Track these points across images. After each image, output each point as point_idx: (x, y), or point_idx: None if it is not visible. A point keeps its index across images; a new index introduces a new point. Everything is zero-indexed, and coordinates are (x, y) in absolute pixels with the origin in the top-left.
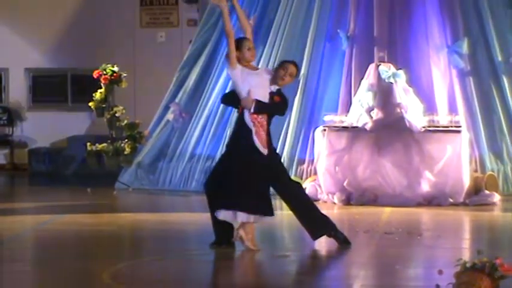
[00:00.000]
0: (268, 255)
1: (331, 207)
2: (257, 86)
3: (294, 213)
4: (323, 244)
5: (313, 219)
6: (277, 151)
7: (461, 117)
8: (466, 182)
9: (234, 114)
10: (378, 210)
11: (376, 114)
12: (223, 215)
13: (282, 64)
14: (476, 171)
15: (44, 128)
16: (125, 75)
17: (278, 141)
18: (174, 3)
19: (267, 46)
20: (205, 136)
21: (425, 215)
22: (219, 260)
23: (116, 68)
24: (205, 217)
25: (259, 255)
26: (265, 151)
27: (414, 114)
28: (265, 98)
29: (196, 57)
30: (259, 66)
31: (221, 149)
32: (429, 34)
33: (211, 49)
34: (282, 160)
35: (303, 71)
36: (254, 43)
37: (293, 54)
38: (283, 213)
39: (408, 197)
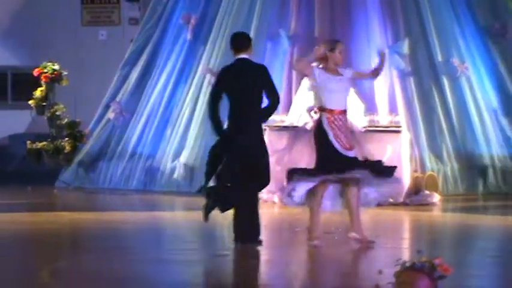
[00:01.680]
0: (208, 254)
1: (271, 207)
2: (335, 92)
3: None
4: (264, 243)
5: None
6: None
7: (402, 118)
8: (406, 182)
9: (175, 113)
10: None
11: (317, 113)
12: None
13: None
14: (416, 171)
15: None
16: (65, 73)
17: None
18: (115, 2)
19: (208, 44)
20: (146, 135)
21: (365, 214)
22: (158, 258)
23: (56, 66)
24: (144, 216)
25: (198, 255)
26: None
27: (355, 115)
28: (342, 103)
29: (137, 55)
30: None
31: (162, 148)
32: (370, 34)
33: (153, 48)
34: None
35: None
36: (195, 41)
37: None
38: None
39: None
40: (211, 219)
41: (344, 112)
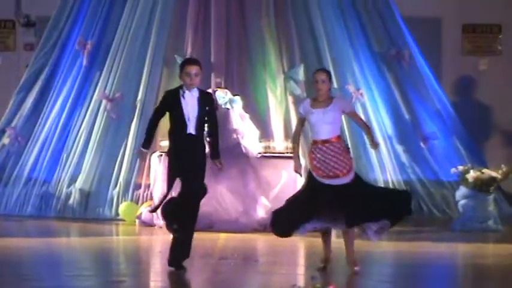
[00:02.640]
0: (104, 280)
1: (167, 233)
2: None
3: None
4: (158, 270)
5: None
6: (113, 176)
7: None
8: None
9: (71, 138)
10: (213, 236)
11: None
12: None
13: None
14: None
15: None
16: None
17: (114, 165)
18: (11, 27)
19: (104, 71)
20: (42, 160)
21: (261, 240)
22: (54, 285)
23: None
24: (40, 242)
25: (94, 281)
26: None
27: (250, 140)
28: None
29: (33, 81)
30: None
31: (57, 173)
32: (266, 60)
33: (49, 73)
34: (118, 185)
35: (140, 96)
36: (91, 67)
37: (131, 78)
38: (119, 238)
39: (244, 222)
40: (107, 247)
41: (327, 141)
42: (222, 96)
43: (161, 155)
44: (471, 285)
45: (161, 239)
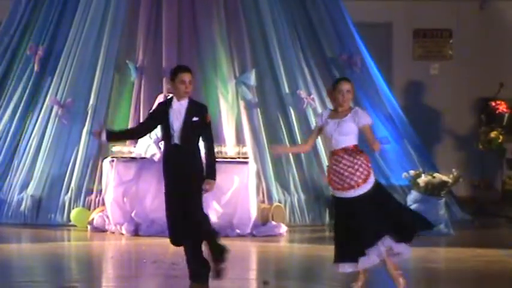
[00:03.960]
0: (54, 287)
1: (119, 238)
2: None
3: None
4: (110, 276)
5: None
6: (65, 181)
7: (249, 149)
8: (254, 213)
9: (23, 144)
10: (165, 241)
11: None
12: None
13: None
14: (263, 202)
15: None
16: None
17: (66, 171)
18: None
19: (55, 76)
20: None
21: None
22: None
23: None
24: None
25: (46, 287)
26: None
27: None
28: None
29: None
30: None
31: (9, 179)
32: (217, 65)
33: (0, 78)
34: (70, 191)
35: (91, 101)
36: (42, 73)
37: (82, 84)
38: (71, 244)
39: None
40: (58, 253)
41: (342, 150)
42: None
43: (113, 160)
44: None
45: (113, 245)
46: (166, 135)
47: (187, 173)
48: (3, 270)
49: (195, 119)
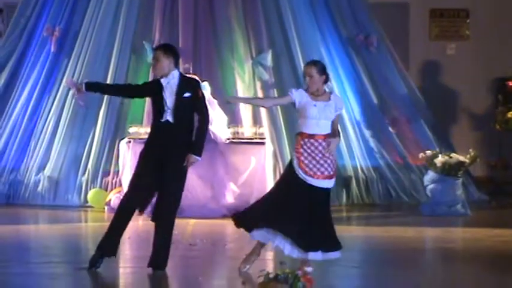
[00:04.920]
0: (73, 267)
1: (136, 219)
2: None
3: None
4: (127, 256)
5: None
6: (82, 163)
7: (266, 129)
8: None
9: (39, 126)
10: (182, 222)
11: None
12: None
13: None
14: None
15: None
16: None
17: (83, 152)
18: None
19: (72, 57)
20: (10, 148)
21: (229, 226)
22: (24, 272)
23: None
24: (9, 229)
25: (63, 268)
26: None
27: (219, 126)
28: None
29: (0, 68)
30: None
31: (26, 161)
32: (234, 46)
33: (16, 60)
34: (87, 172)
35: (108, 82)
36: (59, 54)
37: (99, 65)
38: (88, 225)
39: (213, 208)
40: (76, 234)
41: (317, 137)
42: None
43: (130, 142)
44: (439, 269)
45: (130, 226)
46: (158, 112)
47: (175, 153)
48: (21, 251)
49: (187, 94)
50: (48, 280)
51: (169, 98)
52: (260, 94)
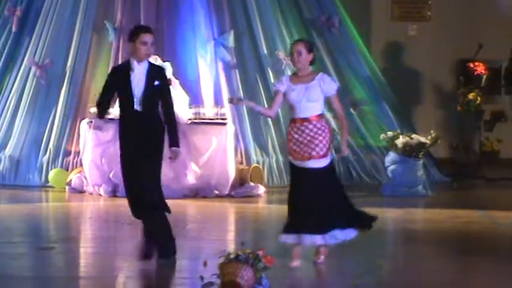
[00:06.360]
0: (32, 247)
1: (97, 199)
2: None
3: None
4: (88, 236)
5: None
6: (43, 142)
7: (227, 110)
8: (232, 174)
9: (1, 105)
10: None
11: None
12: None
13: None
14: (241, 163)
15: None
16: None
17: (44, 132)
18: None
19: (33, 37)
20: None
21: (191, 206)
22: None
23: None
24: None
25: (24, 248)
26: None
27: (180, 107)
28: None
29: None
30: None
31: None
32: (196, 26)
33: None
34: (48, 152)
35: (69, 62)
36: (20, 33)
37: (60, 45)
38: (49, 204)
39: (174, 188)
40: (37, 213)
41: (306, 120)
42: (153, 62)
43: (91, 122)
44: (401, 250)
45: (91, 206)
46: (126, 101)
47: (148, 141)
48: None
49: (156, 82)
50: (8, 260)
51: (137, 86)
52: (222, 75)
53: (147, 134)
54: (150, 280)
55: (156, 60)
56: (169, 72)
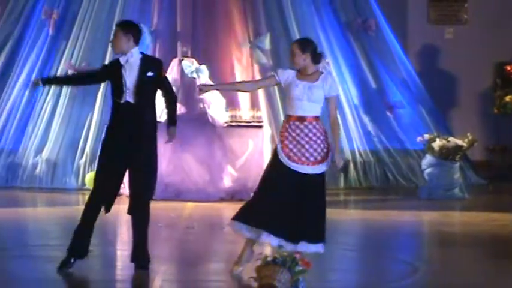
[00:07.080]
0: None
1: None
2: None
3: None
4: (125, 239)
5: None
6: (80, 146)
7: (263, 113)
8: None
9: (37, 108)
10: (180, 205)
11: (179, 109)
12: None
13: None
14: None
15: None
16: None
17: (81, 135)
18: None
19: (70, 40)
20: (8, 130)
21: (227, 209)
22: (21, 255)
23: None
24: (7, 212)
25: (61, 251)
26: None
27: (217, 109)
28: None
29: None
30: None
31: (24, 143)
32: (232, 29)
33: (14, 43)
34: (85, 155)
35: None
36: (57, 37)
37: (97, 49)
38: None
39: (210, 191)
40: (73, 217)
41: (304, 119)
42: (189, 65)
43: None
44: (437, 253)
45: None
46: (118, 93)
47: (141, 136)
48: (18, 233)
49: (150, 74)
50: (45, 263)
51: (129, 78)
52: (258, 77)
53: (138, 126)
54: (187, 284)
55: (192, 63)
56: (205, 75)
